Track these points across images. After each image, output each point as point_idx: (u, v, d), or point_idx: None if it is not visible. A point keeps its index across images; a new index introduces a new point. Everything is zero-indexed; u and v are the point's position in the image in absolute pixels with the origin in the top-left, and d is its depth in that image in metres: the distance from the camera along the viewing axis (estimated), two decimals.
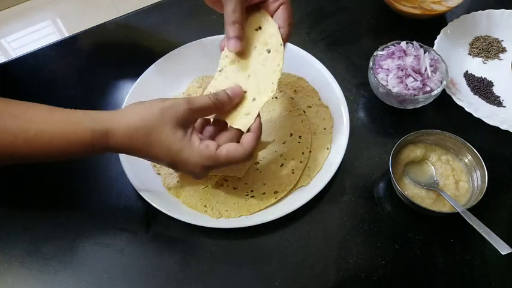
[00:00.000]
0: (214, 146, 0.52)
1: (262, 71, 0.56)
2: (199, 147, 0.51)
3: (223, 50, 0.58)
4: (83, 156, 0.54)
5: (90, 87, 0.77)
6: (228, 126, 0.55)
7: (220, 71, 0.58)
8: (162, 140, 0.50)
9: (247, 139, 0.53)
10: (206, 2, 0.59)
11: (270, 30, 0.56)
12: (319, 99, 0.71)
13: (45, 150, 0.51)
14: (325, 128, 0.67)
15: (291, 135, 0.67)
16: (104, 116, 0.51)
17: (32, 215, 0.63)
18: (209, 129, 0.56)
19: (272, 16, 0.57)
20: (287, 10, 0.56)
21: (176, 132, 0.50)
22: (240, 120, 0.54)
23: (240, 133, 0.54)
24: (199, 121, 0.57)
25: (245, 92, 0.56)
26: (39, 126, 0.50)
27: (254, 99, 0.55)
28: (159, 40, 0.82)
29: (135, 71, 0.73)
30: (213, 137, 0.55)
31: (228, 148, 0.52)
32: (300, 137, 0.66)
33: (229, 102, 0.55)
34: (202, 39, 0.75)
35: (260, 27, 0.57)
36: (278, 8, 0.56)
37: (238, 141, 0.54)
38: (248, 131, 0.54)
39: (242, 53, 0.57)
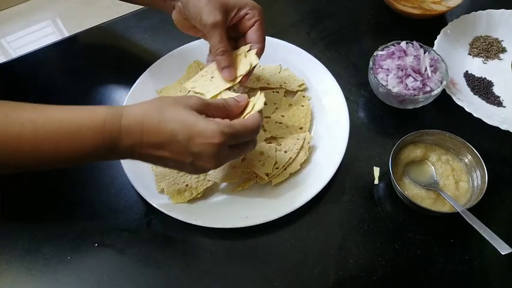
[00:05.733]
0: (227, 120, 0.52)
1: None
2: (214, 119, 0.51)
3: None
4: (92, 150, 0.49)
5: (90, 87, 0.77)
6: None
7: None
8: (177, 115, 0.49)
9: (252, 113, 0.54)
10: (179, 28, 0.64)
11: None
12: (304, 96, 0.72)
13: (52, 142, 0.48)
14: (301, 128, 0.68)
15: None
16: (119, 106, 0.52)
17: (32, 215, 0.63)
18: None
19: (247, 32, 0.61)
20: (261, 27, 0.60)
21: (190, 111, 0.50)
22: None
23: None
24: None
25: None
26: (49, 114, 0.49)
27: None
28: (159, 40, 0.82)
29: (135, 71, 0.73)
30: None
31: (239, 119, 0.54)
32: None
33: (236, 105, 0.55)
34: (202, 39, 0.75)
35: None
36: (253, 24, 0.60)
37: None
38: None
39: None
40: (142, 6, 0.86)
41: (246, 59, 0.60)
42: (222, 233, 0.60)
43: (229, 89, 0.60)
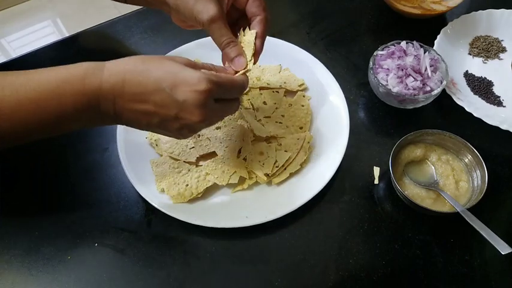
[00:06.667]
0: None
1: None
2: (200, 69, 0.50)
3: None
4: (74, 107, 0.47)
5: None
6: None
7: None
8: (161, 65, 0.48)
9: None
10: (181, 27, 0.62)
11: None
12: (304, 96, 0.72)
13: (32, 100, 0.46)
14: (301, 128, 0.68)
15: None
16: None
17: (32, 215, 0.63)
18: None
19: (245, 7, 0.58)
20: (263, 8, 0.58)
21: (175, 62, 0.49)
22: None
23: None
24: None
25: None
26: (29, 75, 0.48)
27: None
28: (159, 40, 0.82)
29: None
30: None
31: (225, 74, 0.53)
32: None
33: (224, 71, 0.55)
34: (203, 38, 0.76)
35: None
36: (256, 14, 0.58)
37: None
38: None
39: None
40: (142, 6, 0.86)
41: (246, 39, 0.58)
42: (222, 233, 0.60)
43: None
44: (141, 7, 0.86)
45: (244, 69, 0.56)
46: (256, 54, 0.57)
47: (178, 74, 0.47)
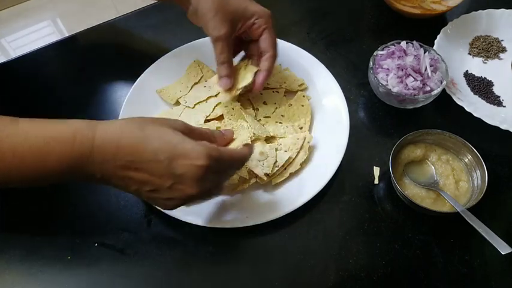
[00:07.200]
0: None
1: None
2: (201, 142, 0.48)
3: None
4: (59, 166, 0.45)
5: (90, 87, 0.77)
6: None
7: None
8: (161, 133, 0.46)
9: (246, 146, 0.55)
10: (192, 21, 0.66)
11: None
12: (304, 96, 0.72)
13: (16, 156, 0.44)
14: (301, 128, 0.68)
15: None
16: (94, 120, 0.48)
17: (32, 215, 0.63)
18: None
19: (257, 40, 0.64)
20: (270, 34, 0.63)
21: (174, 131, 0.47)
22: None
23: None
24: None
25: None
26: (13, 126, 0.46)
27: None
28: (159, 40, 0.82)
29: (135, 71, 0.73)
30: None
31: (228, 148, 0.53)
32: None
33: (221, 137, 0.56)
34: (203, 39, 0.76)
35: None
36: (262, 33, 0.63)
37: None
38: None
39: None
40: (142, 6, 0.86)
41: (246, 71, 0.63)
42: (222, 233, 0.60)
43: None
44: (141, 6, 0.86)
45: (227, 90, 0.64)
46: (258, 86, 0.64)
47: (178, 146, 0.46)
